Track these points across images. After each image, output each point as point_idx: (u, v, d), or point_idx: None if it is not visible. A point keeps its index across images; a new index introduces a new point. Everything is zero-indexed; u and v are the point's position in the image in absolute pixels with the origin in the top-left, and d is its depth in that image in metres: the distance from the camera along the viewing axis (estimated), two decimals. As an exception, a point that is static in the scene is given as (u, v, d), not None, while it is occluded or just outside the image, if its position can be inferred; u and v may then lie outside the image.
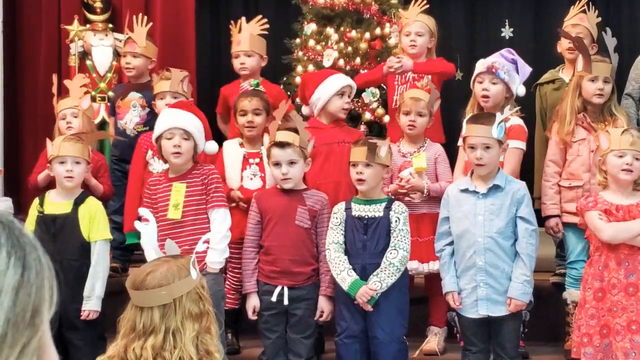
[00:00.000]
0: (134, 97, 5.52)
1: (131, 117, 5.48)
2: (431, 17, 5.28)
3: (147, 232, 2.58)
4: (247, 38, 5.36)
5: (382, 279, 4.18)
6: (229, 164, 4.81)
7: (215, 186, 4.32)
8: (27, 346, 1.00)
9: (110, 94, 5.92)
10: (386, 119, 5.43)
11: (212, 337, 2.37)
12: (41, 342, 1.03)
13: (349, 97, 4.94)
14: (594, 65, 4.67)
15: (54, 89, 5.25)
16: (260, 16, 5.52)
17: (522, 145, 4.76)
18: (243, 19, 5.52)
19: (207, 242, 2.91)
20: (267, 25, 5.47)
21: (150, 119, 5.40)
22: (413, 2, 5.34)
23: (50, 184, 4.86)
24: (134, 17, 5.62)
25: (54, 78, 5.30)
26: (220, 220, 4.27)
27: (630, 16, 6.82)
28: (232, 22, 5.58)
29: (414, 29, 5.18)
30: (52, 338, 1.07)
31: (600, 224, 4.09)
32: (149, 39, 5.61)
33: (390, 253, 4.21)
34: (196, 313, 2.34)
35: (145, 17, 5.68)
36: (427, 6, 5.30)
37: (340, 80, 4.94)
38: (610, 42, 4.81)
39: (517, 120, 4.76)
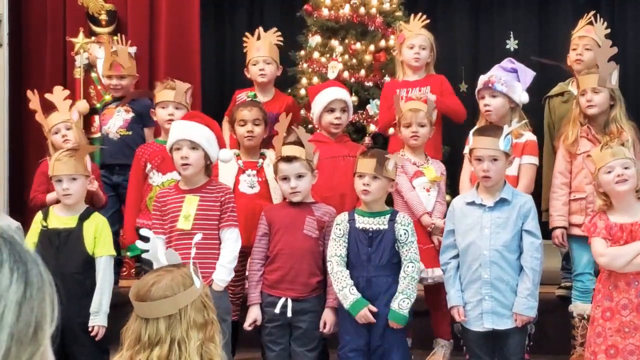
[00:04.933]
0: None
1: (114, 122, 5.51)
2: (430, 33, 5.27)
3: (150, 248, 2.58)
4: (267, 45, 5.31)
5: (409, 295, 4.17)
6: (222, 173, 4.71)
7: (232, 206, 4.33)
8: (30, 361, 1.00)
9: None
10: (390, 130, 5.33)
11: (216, 346, 2.35)
12: (43, 357, 1.03)
13: (343, 111, 4.89)
14: (579, 79, 4.70)
15: (35, 105, 5.06)
16: (275, 28, 5.48)
17: (536, 160, 4.77)
18: (260, 28, 5.47)
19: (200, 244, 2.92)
20: (281, 38, 5.43)
21: (133, 123, 5.42)
22: (413, 16, 5.34)
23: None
24: (113, 38, 5.73)
25: (29, 94, 5.10)
26: (234, 239, 4.30)
27: (635, 28, 6.82)
28: (247, 33, 5.50)
29: (417, 42, 5.17)
30: (53, 353, 1.07)
31: (600, 250, 4.03)
32: (128, 55, 5.62)
33: (408, 267, 4.20)
34: (201, 322, 2.33)
35: (123, 36, 5.77)
36: (428, 21, 5.30)
37: (327, 96, 4.90)
38: (605, 52, 4.70)
39: (531, 136, 4.77)
